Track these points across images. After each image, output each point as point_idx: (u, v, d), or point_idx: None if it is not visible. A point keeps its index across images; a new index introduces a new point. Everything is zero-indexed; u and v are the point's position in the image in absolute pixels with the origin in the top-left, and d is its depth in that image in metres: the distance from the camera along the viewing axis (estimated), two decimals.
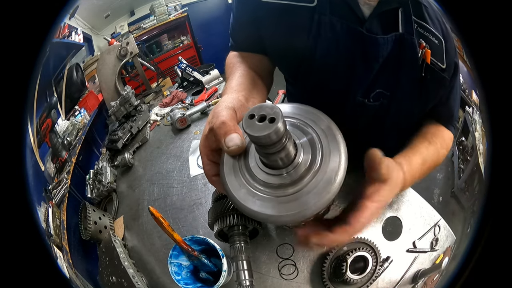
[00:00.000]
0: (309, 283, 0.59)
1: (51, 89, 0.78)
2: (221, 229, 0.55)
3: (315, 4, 0.47)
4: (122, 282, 0.63)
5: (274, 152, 0.28)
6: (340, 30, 0.48)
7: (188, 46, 1.19)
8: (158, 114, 1.09)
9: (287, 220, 0.29)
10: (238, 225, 0.55)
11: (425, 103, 0.54)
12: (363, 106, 0.53)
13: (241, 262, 0.53)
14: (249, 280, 0.52)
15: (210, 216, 0.58)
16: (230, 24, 0.62)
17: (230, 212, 0.54)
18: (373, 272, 0.53)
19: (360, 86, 0.52)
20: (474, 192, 0.55)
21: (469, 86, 0.64)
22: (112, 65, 1.03)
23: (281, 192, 0.29)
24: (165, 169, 0.88)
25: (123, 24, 1.05)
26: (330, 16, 0.47)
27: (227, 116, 0.36)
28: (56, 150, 0.76)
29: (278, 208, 0.29)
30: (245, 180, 0.31)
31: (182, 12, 1.13)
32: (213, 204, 0.61)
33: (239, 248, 0.54)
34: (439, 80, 0.51)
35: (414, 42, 0.48)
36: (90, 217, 0.72)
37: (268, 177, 0.30)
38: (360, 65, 0.49)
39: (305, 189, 0.29)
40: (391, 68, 0.50)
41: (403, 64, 0.49)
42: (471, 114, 0.63)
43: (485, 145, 0.54)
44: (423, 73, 0.49)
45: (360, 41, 0.48)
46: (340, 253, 0.57)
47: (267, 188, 0.30)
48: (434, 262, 0.59)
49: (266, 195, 0.30)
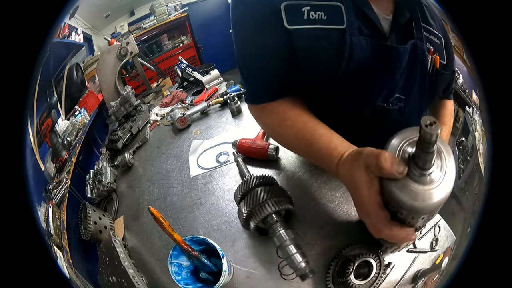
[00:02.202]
0: (310, 283, 0.59)
1: (51, 89, 0.78)
2: (259, 221, 0.57)
3: (345, 26, 0.46)
4: (122, 282, 0.63)
5: (431, 151, 0.33)
6: (367, 48, 0.48)
7: (188, 46, 1.18)
8: (158, 114, 1.09)
9: (433, 209, 0.37)
10: (272, 214, 0.57)
11: (434, 97, 0.62)
12: (383, 111, 0.55)
13: (289, 248, 0.54)
14: (304, 261, 0.52)
15: (242, 216, 0.59)
16: (241, 72, 0.58)
17: (262, 203, 0.57)
18: (375, 278, 0.53)
19: (382, 94, 0.53)
20: (474, 192, 0.55)
21: (469, 86, 0.64)
22: (112, 65, 1.03)
23: (427, 187, 0.36)
24: (165, 169, 0.88)
25: (123, 24, 1.05)
26: (359, 37, 0.47)
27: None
28: (56, 150, 0.76)
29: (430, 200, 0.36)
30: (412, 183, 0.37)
31: (182, 12, 1.13)
32: (239, 205, 0.62)
33: (282, 235, 0.55)
34: (445, 78, 0.58)
35: (423, 48, 0.51)
36: (90, 217, 0.72)
37: (419, 177, 0.36)
38: (384, 75, 0.51)
39: (438, 187, 0.36)
40: (407, 74, 0.52)
41: (417, 69, 0.53)
42: (471, 114, 0.63)
43: (485, 145, 0.54)
44: (434, 76, 0.54)
45: (386, 53, 0.49)
46: (347, 256, 0.57)
47: (421, 185, 0.36)
48: (434, 262, 0.59)
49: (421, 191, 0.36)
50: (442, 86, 0.61)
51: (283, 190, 0.64)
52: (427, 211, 0.38)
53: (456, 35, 0.60)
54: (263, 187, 0.61)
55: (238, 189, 0.64)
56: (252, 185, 0.62)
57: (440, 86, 0.60)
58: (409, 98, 0.55)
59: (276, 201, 0.58)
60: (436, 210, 0.39)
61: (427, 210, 0.37)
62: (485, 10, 0.39)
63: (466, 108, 0.64)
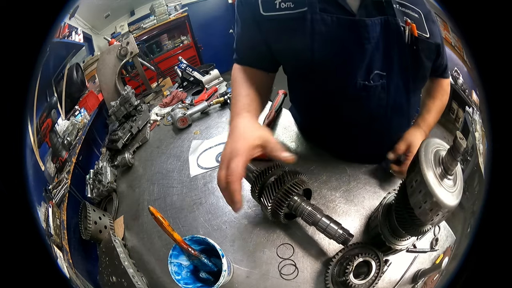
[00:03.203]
0: (309, 283, 0.59)
1: (51, 89, 0.78)
2: (284, 208, 0.59)
3: (306, 8, 0.54)
4: (122, 282, 0.63)
5: (457, 159, 0.41)
6: (332, 23, 0.54)
7: (188, 46, 1.19)
8: (158, 114, 1.09)
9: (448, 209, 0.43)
10: (295, 197, 0.59)
11: (422, 72, 0.61)
12: (365, 89, 0.59)
13: (322, 221, 0.56)
14: (340, 227, 0.55)
15: (267, 210, 0.60)
16: (235, 39, 0.69)
17: (283, 191, 0.58)
18: (375, 278, 0.53)
19: (358, 69, 0.57)
20: (474, 192, 0.55)
21: (469, 86, 0.64)
22: (112, 65, 1.03)
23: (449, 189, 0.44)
24: (165, 169, 0.88)
25: (123, 24, 1.05)
26: (320, 14, 0.54)
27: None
28: (56, 150, 0.76)
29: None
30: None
31: (182, 12, 1.13)
32: (260, 201, 0.62)
33: (311, 212, 0.57)
34: (428, 48, 0.57)
35: (397, 22, 0.54)
36: (90, 217, 0.72)
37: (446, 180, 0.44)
38: (354, 48, 0.55)
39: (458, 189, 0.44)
40: (382, 50, 0.56)
41: (392, 44, 0.55)
42: (471, 114, 0.63)
43: (485, 145, 0.54)
44: (414, 46, 0.55)
45: (352, 27, 0.54)
46: (346, 256, 0.57)
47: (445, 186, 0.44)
48: (434, 262, 0.59)
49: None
50: (428, 57, 0.59)
51: (295, 171, 0.63)
52: (446, 208, 0.43)
53: (456, 35, 0.60)
54: (276, 176, 0.61)
55: (253, 186, 0.63)
56: (266, 176, 0.62)
57: (424, 57, 0.58)
58: (391, 74, 0.58)
59: (294, 184, 0.59)
60: (449, 210, 0.44)
61: (447, 207, 0.43)
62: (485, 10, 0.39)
63: (466, 108, 0.64)
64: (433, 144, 0.46)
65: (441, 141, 0.47)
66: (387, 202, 0.58)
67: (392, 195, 0.58)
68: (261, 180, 0.61)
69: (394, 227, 0.54)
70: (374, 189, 0.70)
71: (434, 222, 0.46)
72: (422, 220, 0.46)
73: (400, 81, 0.60)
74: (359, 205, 0.67)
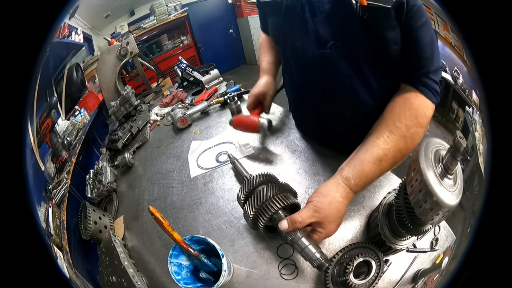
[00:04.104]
0: (309, 283, 0.59)
1: (51, 89, 0.78)
2: (266, 220, 0.57)
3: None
4: (122, 282, 0.63)
5: (458, 159, 0.42)
6: (291, 2, 0.65)
7: (188, 46, 1.19)
8: (158, 114, 1.09)
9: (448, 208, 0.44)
10: (279, 211, 0.58)
11: (385, 48, 0.57)
12: (325, 57, 0.63)
13: (301, 241, 0.55)
14: (318, 252, 0.54)
15: (249, 217, 0.59)
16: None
17: (268, 201, 0.58)
18: (375, 278, 0.53)
19: (315, 37, 0.63)
20: (474, 192, 0.55)
21: (469, 86, 0.64)
22: (112, 65, 1.03)
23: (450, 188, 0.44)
24: (165, 169, 0.88)
25: (123, 24, 1.05)
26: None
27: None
28: (56, 150, 0.76)
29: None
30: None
31: (182, 12, 1.13)
32: (244, 207, 0.61)
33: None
34: (384, 15, 0.53)
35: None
36: (90, 217, 0.72)
37: (447, 179, 0.45)
38: (309, 20, 0.62)
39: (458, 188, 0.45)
40: (334, 22, 0.60)
41: (343, 17, 0.58)
42: (471, 114, 0.63)
43: (485, 145, 0.54)
44: (360, 13, 0.55)
45: (306, 4, 0.62)
46: (346, 256, 0.57)
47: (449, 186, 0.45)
48: (434, 262, 0.59)
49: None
50: (387, 26, 0.54)
51: (285, 185, 0.63)
52: (447, 208, 0.44)
53: (456, 35, 0.60)
54: (265, 185, 0.61)
55: (240, 191, 0.63)
56: (255, 184, 0.62)
57: (380, 26, 0.54)
58: (347, 43, 0.60)
59: (281, 197, 0.58)
60: (449, 210, 0.45)
61: (447, 207, 0.44)
62: (485, 10, 0.39)
63: (466, 108, 0.64)
64: (433, 143, 0.46)
65: (441, 141, 0.48)
66: (387, 202, 0.58)
67: (392, 195, 0.58)
68: (251, 186, 0.62)
69: (394, 227, 0.54)
70: (374, 189, 0.70)
71: (434, 221, 0.46)
72: (422, 219, 0.46)
73: (356, 50, 0.60)
74: (359, 205, 0.67)
